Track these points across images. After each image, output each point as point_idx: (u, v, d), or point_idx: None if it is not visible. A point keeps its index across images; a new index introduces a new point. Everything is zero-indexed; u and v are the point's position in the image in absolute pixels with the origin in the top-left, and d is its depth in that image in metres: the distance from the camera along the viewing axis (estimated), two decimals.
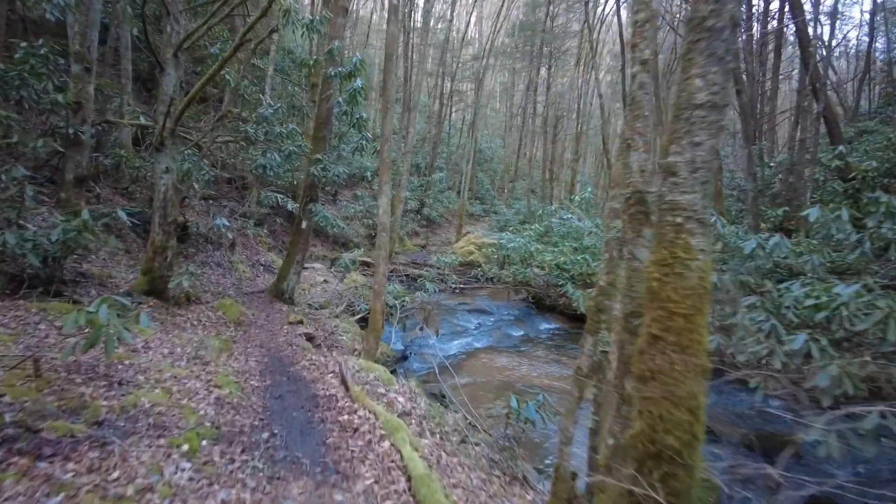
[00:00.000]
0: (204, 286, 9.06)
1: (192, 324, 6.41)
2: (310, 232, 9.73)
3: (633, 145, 2.78)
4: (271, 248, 14.12)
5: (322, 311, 10.17)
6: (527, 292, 13.47)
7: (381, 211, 6.41)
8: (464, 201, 25.88)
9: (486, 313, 12.61)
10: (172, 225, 6.45)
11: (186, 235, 9.93)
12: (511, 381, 7.65)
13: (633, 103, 2.83)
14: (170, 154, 6.28)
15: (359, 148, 9.02)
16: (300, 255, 9.62)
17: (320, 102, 9.58)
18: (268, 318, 8.12)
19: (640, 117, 2.77)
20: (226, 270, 10.38)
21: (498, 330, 10.90)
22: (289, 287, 9.64)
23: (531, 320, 11.90)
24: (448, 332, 10.66)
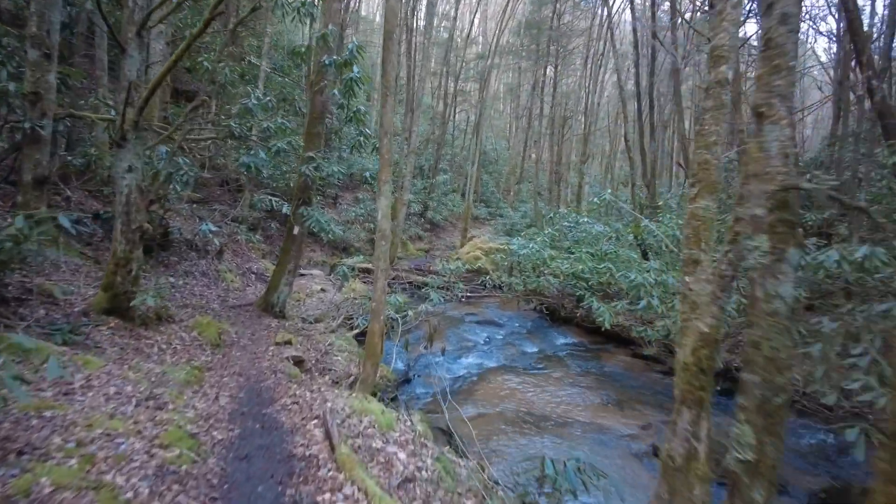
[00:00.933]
0: (185, 299, 8.16)
1: (160, 348, 5.49)
2: (303, 238, 8.81)
3: (769, 115, 1.84)
4: (265, 255, 13.21)
5: (317, 326, 9.24)
6: (539, 302, 12.50)
7: (380, 215, 5.48)
8: (469, 204, 24.96)
9: (495, 325, 11.65)
10: (138, 233, 5.53)
11: (168, 242, 9.03)
12: (529, 411, 6.69)
13: (771, 47, 1.88)
14: (133, 150, 5.37)
15: (357, 145, 8.11)
16: (292, 264, 8.70)
17: (314, 95, 8.67)
18: (253, 337, 7.19)
19: (781, 70, 1.83)
20: (212, 280, 9.47)
21: (510, 345, 9.94)
22: (279, 299, 8.72)
23: (545, 334, 10.94)
24: (455, 347, 9.71)
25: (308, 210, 7.70)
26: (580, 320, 10.94)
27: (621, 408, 6.98)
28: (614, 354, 9.49)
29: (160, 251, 8.91)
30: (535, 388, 7.53)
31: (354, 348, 8.17)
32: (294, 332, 8.28)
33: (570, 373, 8.33)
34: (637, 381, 8.06)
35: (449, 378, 7.89)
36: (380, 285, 5.54)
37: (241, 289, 10.23)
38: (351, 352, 7.91)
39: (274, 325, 8.18)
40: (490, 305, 13.94)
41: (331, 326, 9.28)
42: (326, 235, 7.58)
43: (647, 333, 7.85)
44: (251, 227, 13.45)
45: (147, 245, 8.58)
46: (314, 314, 9.86)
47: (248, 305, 8.85)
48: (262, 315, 8.50)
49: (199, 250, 9.79)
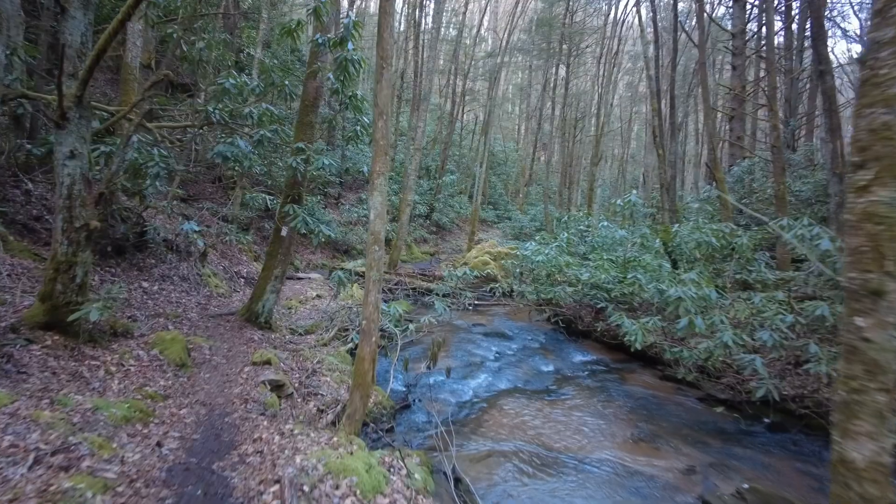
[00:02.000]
0: (158, 307, 7.22)
1: (107, 372, 4.53)
2: (291, 240, 7.85)
3: None
4: (258, 258, 12.28)
5: (307, 339, 8.28)
6: (553, 313, 11.48)
7: (372, 214, 4.50)
8: (477, 206, 23.98)
9: (506, 338, 10.64)
10: (83, 232, 4.59)
11: (143, 243, 8.10)
12: (550, 448, 5.68)
13: None
14: (77, 132, 4.42)
15: (353, 136, 7.15)
16: (279, 269, 7.74)
17: (306, 80, 7.74)
18: (229, 354, 6.23)
19: None
20: (192, 286, 8.53)
21: (523, 363, 8.92)
22: (265, 308, 7.76)
23: (561, 349, 9.91)
24: (462, 363, 8.71)
25: (294, 208, 6.74)
26: (600, 334, 9.90)
27: (656, 444, 5.95)
28: (640, 376, 8.45)
29: (135, 253, 7.99)
30: (554, 418, 6.51)
31: (347, 366, 7.19)
32: (280, 346, 7.33)
33: (593, 398, 7.30)
34: (671, 409, 7.02)
35: (454, 403, 6.89)
36: (371, 299, 4.56)
37: (227, 295, 9.29)
38: (342, 371, 6.93)
39: (257, 339, 7.23)
40: (499, 315, 12.93)
41: (323, 339, 8.32)
42: (317, 238, 6.60)
43: (684, 355, 6.82)
44: (243, 227, 12.54)
45: (119, 246, 7.67)
46: (305, 324, 8.90)
47: (230, 315, 7.90)
48: (244, 326, 7.55)
49: (179, 252, 8.85)
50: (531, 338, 10.76)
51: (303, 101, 7.83)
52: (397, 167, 26.62)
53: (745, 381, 7.23)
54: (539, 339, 10.74)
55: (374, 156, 4.58)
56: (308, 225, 6.48)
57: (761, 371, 5.64)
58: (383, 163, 4.55)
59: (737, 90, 19.68)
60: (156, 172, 6.35)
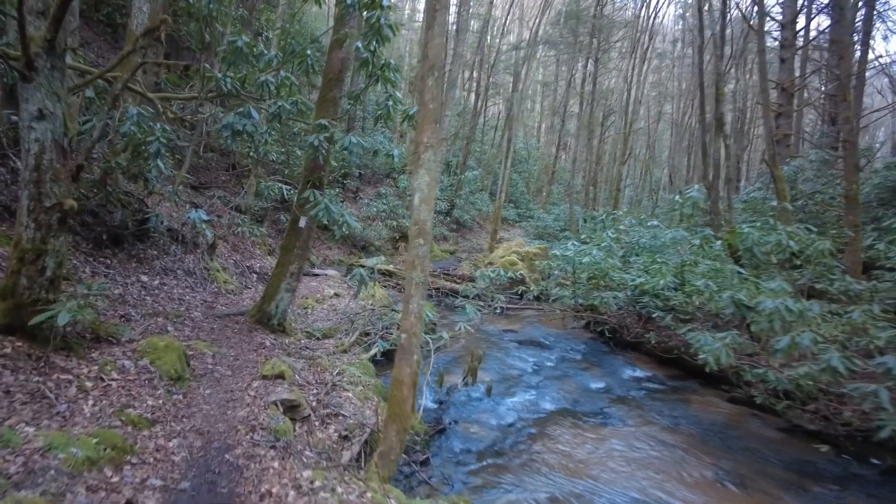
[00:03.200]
0: (157, 305, 6.32)
1: (80, 390, 3.61)
2: (310, 233, 6.90)
3: None
4: (272, 252, 11.38)
5: (325, 344, 7.33)
6: (593, 320, 10.41)
7: (417, 199, 3.52)
8: (500, 204, 22.90)
9: (541, 347, 9.61)
10: (55, 213, 3.66)
11: (144, 232, 7.21)
12: (619, 490, 4.64)
13: None
14: (47, 87, 3.49)
15: (384, 114, 6.16)
16: (296, 265, 6.79)
17: (330, 48, 6.78)
18: (235, 364, 5.28)
19: None
20: (198, 281, 7.62)
21: (566, 378, 7.88)
22: (278, 309, 6.82)
23: (607, 363, 8.84)
24: (497, 376, 7.70)
25: (316, 195, 5.77)
26: (651, 348, 8.80)
27: (747, 491, 4.87)
28: (703, 397, 7.37)
29: (134, 243, 7.10)
30: (616, 451, 5.47)
31: (371, 379, 6.21)
32: (294, 353, 6.38)
33: (657, 426, 6.23)
34: (752, 443, 5.93)
35: (496, 427, 5.88)
36: (413, 307, 3.56)
37: (237, 292, 8.38)
38: (366, 385, 5.96)
39: (268, 344, 6.28)
40: (530, 320, 11.90)
41: (342, 344, 7.36)
42: (339, 230, 5.64)
43: (769, 378, 5.71)
44: (256, 218, 11.65)
45: (115, 234, 6.79)
46: (322, 327, 7.96)
47: (240, 315, 6.97)
48: (255, 329, 6.61)
49: (185, 243, 7.96)
50: (570, 348, 9.71)
51: (326, 74, 6.86)
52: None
53: (839, 410, 6.11)
54: (579, 349, 9.68)
55: (421, 124, 3.58)
56: (331, 214, 5.51)
57: (886, 405, 4.54)
58: (432, 132, 3.55)
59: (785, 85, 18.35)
60: (156, 150, 5.43)
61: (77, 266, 5.84)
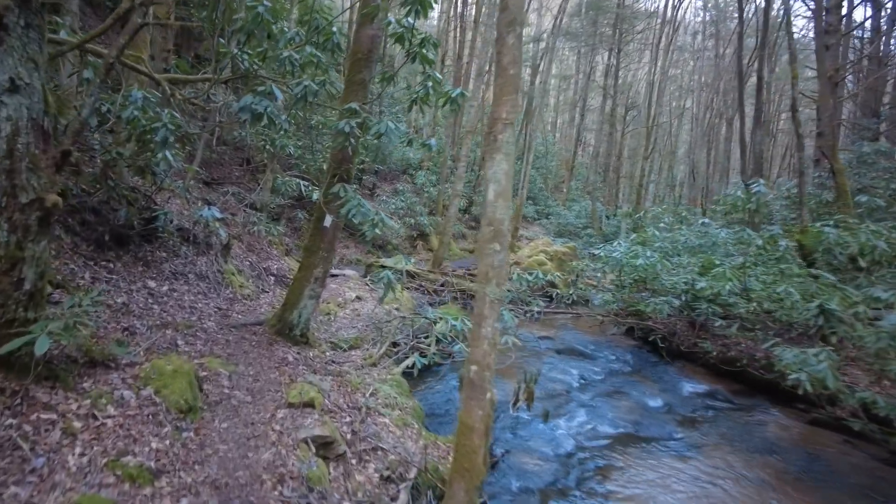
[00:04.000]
0: (165, 314, 5.59)
1: (66, 434, 2.87)
2: (336, 232, 6.15)
3: None
4: (289, 252, 10.65)
5: (351, 356, 6.58)
6: (636, 326, 9.56)
7: (491, 192, 2.73)
8: (521, 201, 22.05)
9: (584, 357, 8.78)
10: (35, 212, 2.92)
11: (152, 232, 6.49)
12: None
13: None
14: (20, 51, 2.74)
15: (422, 97, 5.36)
16: (320, 269, 6.03)
17: (359, 25, 6.01)
18: (255, 386, 4.53)
19: None
20: (212, 286, 6.90)
21: (620, 394, 7.05)
22: (301, 318, 6.07)
23: (660, 375, 7.99)
24: (542, 391, 6.88)
25: (346, 189, 4.99)
26: (707, 358, 7.94)
27: None
28: (779, 419, 6.49)
29: (141, 244, 6.38)
30: (702, 489, 4.64)
31: (408, 400, 5.44)
32: (320, 368, 5.62)
33: (738, 455, 5.39)
34: (858, 478, 5.06)
35: (554, 458, 5.08)
36: (487, 331, 2.77)
37: (253, 297, 7.65)
38: (403, 408, 5.19)
39: (291, 359, 5.53)
40: (564, 325, 11.06)
41: (371, 356, 6.61)
42: (372, 230, 4.86)
43: (881, 405, 4.85)
44: (273, 216, 10.93)
45: (120, 235, 6.07)
46: (348, 336, 7.21)
47: (258, 325, 6.23)
48: (275, 341, 5.87)
49: (197, 244, 7.24)
50: (615, 357, 8.86)
51: (353, 53, 6.09)
52: (434, 157, 24.88)
53: None
54: (625, 359, 8.83)
55: (498, 95, 2.77)
56: (365, 213, 4.72)
57: None
58: (512, 105, 2.75)
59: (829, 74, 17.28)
60: (164, 138, 4.69)
61: (75, 271, 5.13)
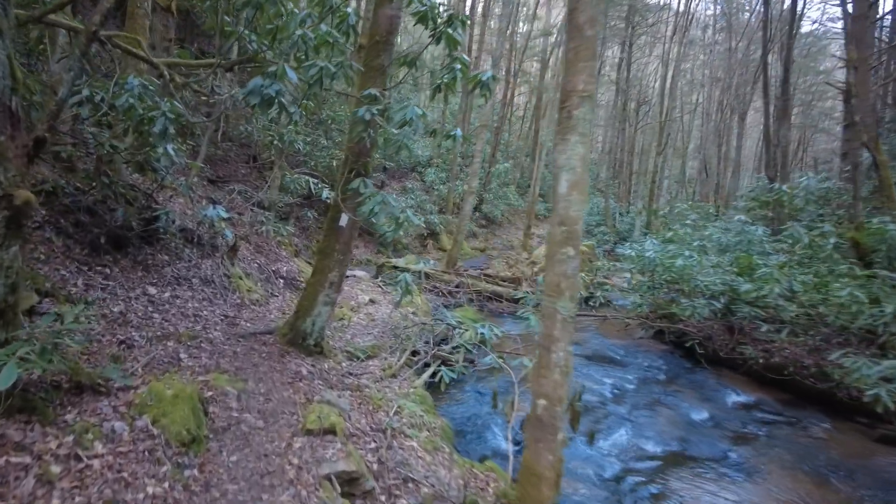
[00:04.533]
0: (167, 324, 5.10)
1: (41, 481, 2.35)
2: (353, 233, 5.62)
3: None
4: (299, 253, 10.14)
5: (369, 367, 6.07)
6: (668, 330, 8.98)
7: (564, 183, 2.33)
8: (534, 197, 21.48)
9: (614, 364, 8.22)
10: (1, 209, 2.39)
11: (152, 234, 5.98)
12: None
13: None
14: None
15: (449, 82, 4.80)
16: (336, 272, 5.51)
17: (377, 5, 5.47)
18: (267, 408, 4.01)
19: None
20: (217, 291, 6.39)
21: (659, 405, 6.49)
22: (315, 326, 5.55)
23: (697, 383, 7.42)
24: None
25: (366, 184, 4.46)
26: (752, 365, 7.35)
27: None
28: (841, 434, 5.92)
29: (141, 246, 5.88)
30: None
31: (434, 419, 4.92)
32: (337, 383, 5.11)
33: (803, 478, 4.82)
34: None
35: (599, 483, 4.53)
36: (557, 356, 2.25)
37: (262, 302, 7.14)
38: (431, 428, 4.67)
39: (305, 373, 5.01)
40: (587, 328, 10.50)
41: (390, 367, 6.09)
42: (395, 230, 4.32)
43: None
44: (281, 215, 10.42)
45: (117, 237, 5.58)
46: (364, 344, 6.69)
47: (268, 334, 5.71)
48: (287, 352, 5.35)
49: (202, 245, 6.73)
50: (647, 364, 8.30)
51: (371, 36, 5.56)
52: (444, 154, 24.32)
53: None
54: (657, 365, 8.27)
55: (572, 62, 2.22)
56: (391, 210, 4.18)
57: None
58: (590, 74, 2.19)
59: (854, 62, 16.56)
60: (163, 129, 4.16)
61: (67, 278, 4.63)
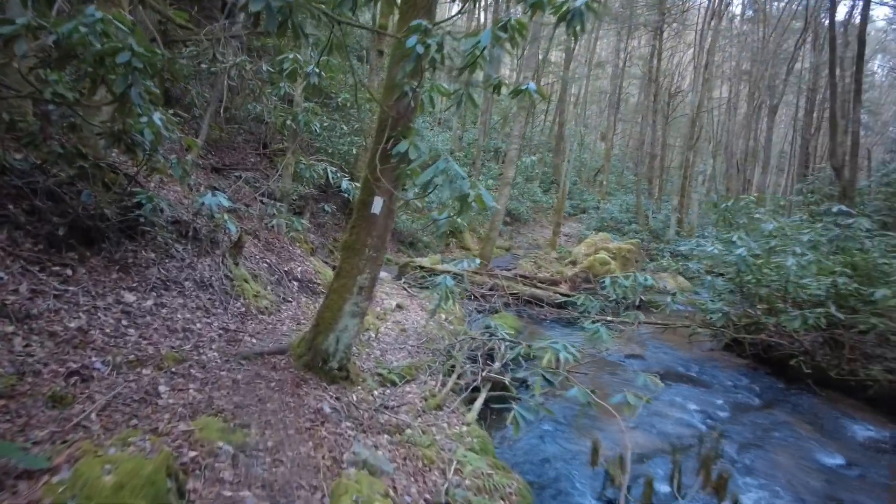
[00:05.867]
0: (143, 342, 3.84)
1: None
2: (390, 223, 4.30)
3: None
4: (315, 251, 8.86)
5: (407, 393, 4.76)
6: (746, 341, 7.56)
7: None
8: (563, 194, 20.00)
9: (692, 382, 6.84)
10: None
11: (133, 226, 4.72)
12: None
13: None
14: None
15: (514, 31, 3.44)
16: (367, 275, 4.20)
17: None
18: (274, 478, 2.69)
19: None
20: (216, 297, 5.11)
21: (772, 442, 5.08)
22: (339, 345, 4.24)
23: (802, 409, 6.00)
24: (661, 439, 5.00)
25: (418, 149, 3.14)
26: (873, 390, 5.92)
27: None
28: None
29: (120, 241, 4.62)
30: None
31: (510, 479, 3.56)
32: (369, 423, 3.80)
33: None
34: None
35: None
36: None
37: (272, 309, 5.86)
38: (507, 494, 3.32)
39: (328, 411, 3.71)
40: (643, 335, 9.10)
41: (433, 396, 4.78)
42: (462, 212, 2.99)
43: None
44: (295, 209, 9.16)
45: (84, 228, 4.35)
46: (398, 363, 5.38)
47: (279, 354, 4.42)
48: (303, 379, 4.06)
49: (199, 241, 5.46)
50: (731, 383, 6.90)
51: None
52: (465, 147, 23.00)
53: None
54: (744, 384, 6.87)
55: None
56: (459, 186, 2.82)
57: None
58: None
59: None
60: (128, 65, 2.90)
61: (4, 282, 3.38)
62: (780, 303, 6.72)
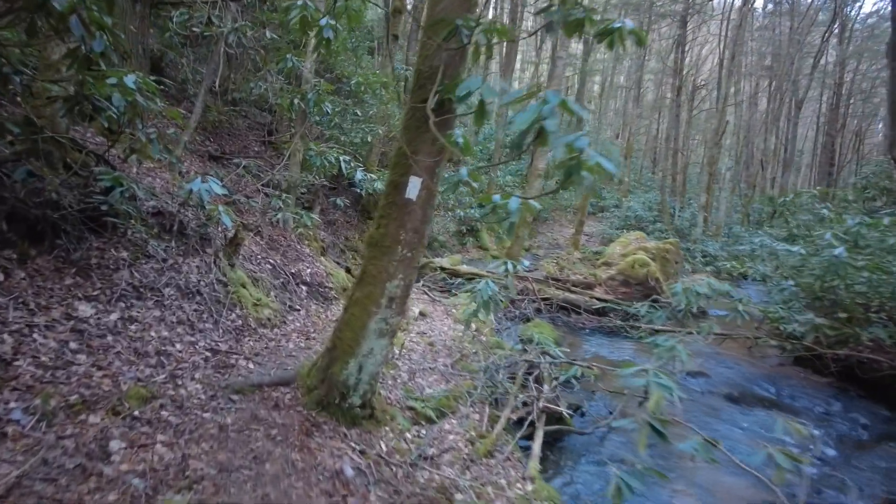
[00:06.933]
0: (100, 371, 2.78)
1: None
2: (430, 211, 3.23)
3: None
4: (326, 250, 7.80)
5: (447, 435, 3.69)
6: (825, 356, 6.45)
7: None
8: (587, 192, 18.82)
9: (770, 405, 5.75)
10: None
11: (96, 216, 3.68)
12: None
13: None
14: None
15: None
16: (399, 281, 3.13)
17: None
18: None
19: None
20: (204, 306, 4.06)
21: None
22: (363, 374, 3.17)
23: None
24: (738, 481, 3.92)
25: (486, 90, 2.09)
26: None
27: None
28: None
29: (84, 236, 3.59)
30: None
31: None
32: (409, 487, 2.74)
33: None
34: None
35: None
36: None
37: (276, 321, 4.81)
38: None
39: (350, 475, 2.65)
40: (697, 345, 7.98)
41: (482, 438, 3.72)
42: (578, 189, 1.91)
43: None
44: (304, 202, 8.12)
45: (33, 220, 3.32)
46: (430, 389, 4.32)
47: (282, 386, 3.37)
48: (315, 424, 3.01)
49: (185, 237, 4.42)
50: (821, 410, 5.80)
51: None
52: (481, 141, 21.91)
53: None
54: (836, 410, 5.77)
55: None
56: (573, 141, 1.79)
57: None
58: None
59: None
60: None
61: None
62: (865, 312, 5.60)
